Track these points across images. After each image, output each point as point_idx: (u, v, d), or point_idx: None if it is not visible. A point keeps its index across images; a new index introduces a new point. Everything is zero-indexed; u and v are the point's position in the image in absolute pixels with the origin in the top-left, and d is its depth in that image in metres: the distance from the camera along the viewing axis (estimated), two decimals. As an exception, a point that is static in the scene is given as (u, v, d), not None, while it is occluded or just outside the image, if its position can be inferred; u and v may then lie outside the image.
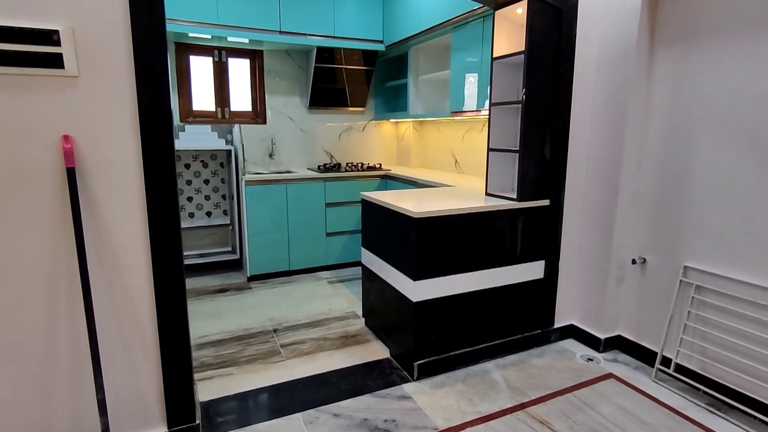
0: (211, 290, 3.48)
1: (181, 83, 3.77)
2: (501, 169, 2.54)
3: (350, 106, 4.31)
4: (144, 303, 1.60)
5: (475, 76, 3.00)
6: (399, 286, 2.26)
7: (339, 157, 4.44)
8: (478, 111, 3.01)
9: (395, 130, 4.65)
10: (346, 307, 3.15)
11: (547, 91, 2.26)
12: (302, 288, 3.54)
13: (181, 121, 3.79)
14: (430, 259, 2.13)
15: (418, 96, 3.89)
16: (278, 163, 4.19)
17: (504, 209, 2.27)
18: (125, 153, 1.50)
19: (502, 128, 2.49)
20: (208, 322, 2.90)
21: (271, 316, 3.00)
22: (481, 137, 3.50)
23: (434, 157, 4.18)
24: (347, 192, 3.89)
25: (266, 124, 4.09)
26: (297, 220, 3.72)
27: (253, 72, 4.03)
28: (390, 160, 4.67)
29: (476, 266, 2.26)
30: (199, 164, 3.91)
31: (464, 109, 3.14)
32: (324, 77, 4.03)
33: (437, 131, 4.10)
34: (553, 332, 2.57)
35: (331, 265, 3.95)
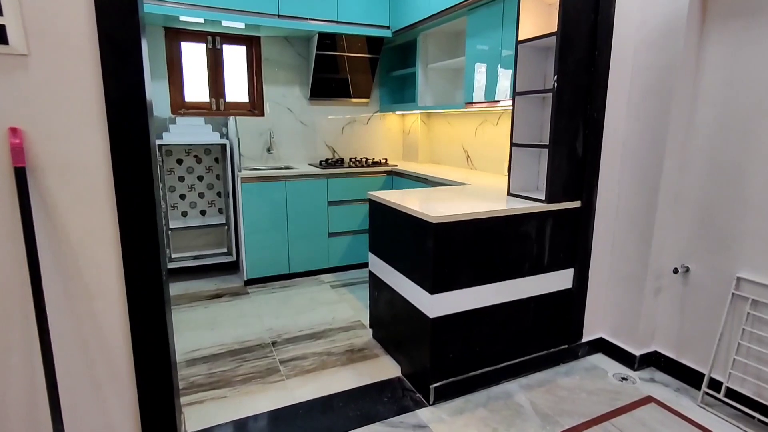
0: (205, 296, 3.23)
1: (171, 72, 3.49)
2: (525, 166, 2.27)
3: (354, 97, 4.04)
4: (115, 328, 1.35)
5: (492, 63, 2.73)
6: (413, 299, 2.01)
7: (342, 152, 4.17)
8: (494, 102, 2.74)
9: (402, 123, 4.38)
10: (351, 316, 2.90)
11: (581, 77, 1.99)
12: (303, 293, 3.29)
13: (172, 113, 3.52)
14: (449, 269, 1.87)
15: (427, 86, 3.61)
16: (277, 158, 3.93)
17: (531, 212, 2.02)
18: (89, 149, 1.24)
19: (527, 120, 2.22)
20: (201, 333, 2.65)
21: (270, 326, 2.75)
22: (496, 131, 3.23)
23: (444, 152, 3.91)
24: (351, 189, 3.63)
25: (264, 117, 3.82)
26: (297, 219, 3.47)
27: (250, 60, 3.75)
28: (396, 155, 4.41)
29: (499, 276, 2.00)
30: (192, 159, 3.65)
31: (479, 100, 2.87)
32: (326, 66, 3.75)
33: (447, 124, 3.83)
34: (581, 347, 2.32)
35: (333, 267, 3.70)
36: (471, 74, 2.93)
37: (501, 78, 2.66)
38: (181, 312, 2.94)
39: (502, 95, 2.65)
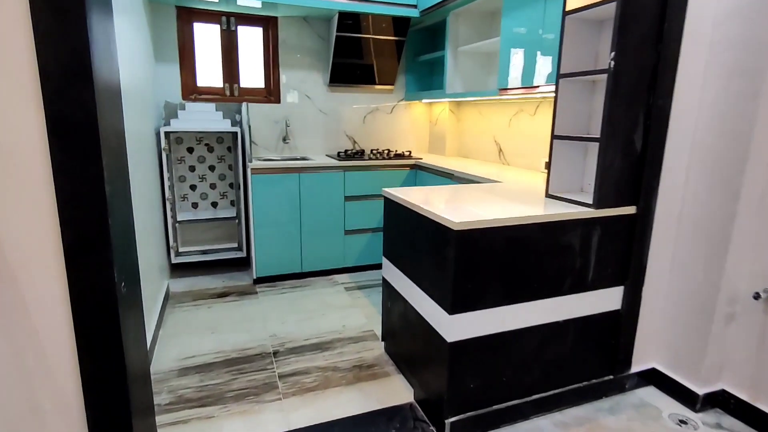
0: (211, 294, 3.02)
1: (183, 55, 3.28)
2: (568, 162, 1.92)
3: (377, 83, 3.73)
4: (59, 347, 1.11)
5: (531, 45, 2.36)
6: (429, 318, 1.71)
7: (363, 143, 3.88)
8: (532, 88, 2.38)
9: (428, 113, 4.04)
10: (363, 324, 2.62)
11: (645, 54, 1.61)
12: (314, 295, 3.04)
13: (183, 99, 3.31)
14: (473, 285, 1.56)
15: (456, 71, 3.27)
16: (293, 149, 3.68)
17: (575, 219, 1.67)
18: (20, 131, 0.99)
19: (573, 108, 1.87)
20: (199, 337, 2.44)
21: (274, 332, 2.51)
22: (533, 122, 2.86)
23: (473, 145, 3.56)
24: (370, 183, 3.34)
25: (280, 104, 3.57)
26: (311, 214, 3.21)
27: (266, 43, 3.50)
28: (421, 147, 4.08)
29: (533, 295, 1.67)
30: (204, 148, 3.45)
31: (515, 86, 2.51)
32: (347, 49, 3.45)
33: (478, 114, 3.47)
34: (628, 378, 1.96)
35: (349, 267, 3.43)
36: (506, 57, 2.57)
37: (541, 61, 2.29)
38: (183, 311, 2.74)
39: (543, 80, 2.29)
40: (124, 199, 1.27)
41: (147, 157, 2.66)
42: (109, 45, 1.18)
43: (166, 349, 2.31)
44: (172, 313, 2.73)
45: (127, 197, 1.30)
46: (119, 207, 1.18)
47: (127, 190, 1.32)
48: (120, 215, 1.18)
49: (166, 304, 2.82)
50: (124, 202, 1.25)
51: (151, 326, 2.33)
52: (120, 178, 1.21)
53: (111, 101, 1.18)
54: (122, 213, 1.21)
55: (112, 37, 1.22)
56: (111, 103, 1.18)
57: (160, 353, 2.27)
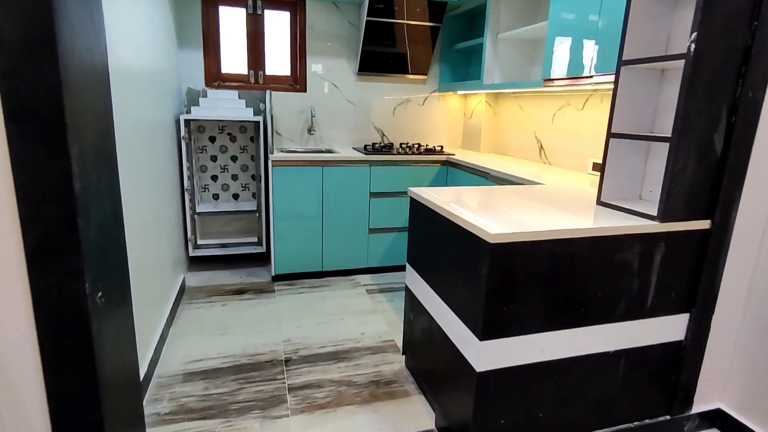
0: (227, 290, 2.90)
1: (207, 40, 3.15)
2: (626, 165, 1.64)
3: (410, 73, 3.50)
4: (27, 378, 0.96)
5: (583, 29, 2.07)
6: (456, 340, 1.49)
7: (392, 136, 3.66)
8: (584, 78, 2.09)
9: (463, 105, 3.77)
10: (384, 332, 2.43)
11: (735, 35, 1.32)
12: (334, 297, 2.86)
13: (206, 85, 3.19)
14: (508, 307, 1.33)
15: (496, 60, 2.99)
16: (318, 140, 3.50)
17: (634, 233, 1.40)
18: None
19: (636, 101, 1.59)
20: (209, 338, 2.31)
21: (288, 337, 2.35)
22: (581, 117, 2.56)
23: (511, 141, 3.28)
24: (398, 179, 3.12)
25: (306, 93, 3.40)
26: (334, 211, 3.03)
27: (294, 28, 3.32)
28: (454, 142, 3.82)
29: (580, 320, 1.42)
30: (226, 137, 3.32)
31: (562, 76, 2.23)
32: (378, 35, 3.23)
33: (518, 108, 3.18)
34: (689, 419, 1.68)
35: (372, 268, 3.24)
36: (553, 44, 2.29)
37: (594, 49, 2.00)
38: (196, 308, 2.62)
39: (595, 69, 2.00)
40: (109, 195, 1.10)
41: (165, 145, 2.54)
42: (92, 19, 1.01)
43: (174, 349, 2.19)
44: (185, 309, 2.61)
45: (112, 194, 1.14)
46: (96, 205, 1.01)
47: (114, 186, 1.15)
48: (98, 214, 1.02)
49: (180, 299, 2.71)
50: (106, 200, 1.08)
51: (161, 324, 2.21)
52: (99, 172, 1.04)
53: (91, 84, 1.01)
54: (101, 212, 1.04)
55: (97, 11, 1.05)
56: (91, 85, 1.01)
57: (167, 354, 2.15)
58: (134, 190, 1.81)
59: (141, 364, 1.83)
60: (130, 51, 1.86)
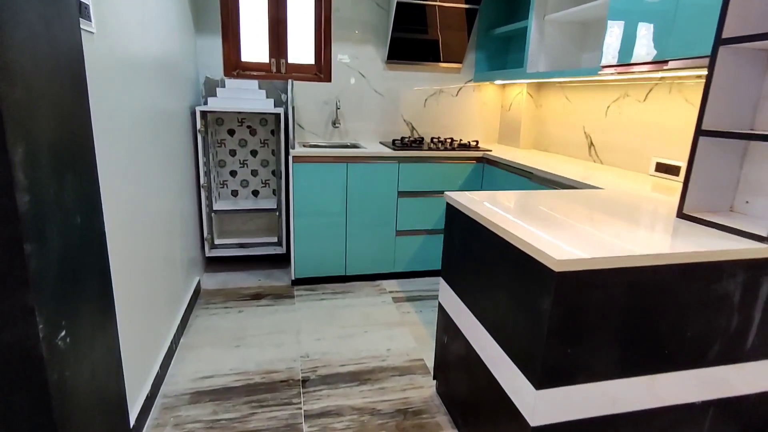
0: (244, 294, 2.71)
1: (227, 26, 2.94)
2: (717, 169, 1.33)
3: (443, 61, 3.21)
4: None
5: (655, 5, 1.74)
6: (505, 384, 1.23)
7: (422, 129, 3.39)
8: (656, 63, 1.77)
9: (501, 96, 3.46)
10: (412, 350, 2.18)
11: None
12: (357, 305, 2.64)
13: (225, 75, 2.99)
14: (575, 350, 1.06)
15: (541, 45, 2.67)
16: (343, 134, 3.27)
17: (739, 259, 1.10)
18: None
19: (734, 92, 1.27)
20: (222, 350, 2.12)
21: (307, 351, 2.14)
22: (643, 109, 2.23)
23: (556, 137, 2.96)
24: (429, 177, 2.86)
25: (331, 82, 3.16)
26: (359, 211, 2.80)
27: (318, 13, 3.08)
28: (490, 137, 3.52)
29: (662, 365, 1.14)
30: (246, 131, 3.12)
31: (624, 62, 1.91)
32: (409, 19, 2.96)
33: (564, 99, 2.86)
34: (786, 482, 1.37)
35: (399, 273, 3.00)
36: (614, 24, 1.96)
37: (670, 28, 1.67)
38: (210, 315, 2.45)
39: (671, 53, 1.67)
40: (79, 207, 0.89)
41: (179, 138, 2.35)
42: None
43: (184, 363, 2.01)
44: (199, 316, 2.44)
45: (86, 204, 0.93)
46: (58, 223, 0.80)
47: (88, 194, 0.94)
48: (60, 234, 0.80)
49: (194, 304, 2.54)
50: (74, 214, 0.87)
51: (170, 333, 2.04)
52: (61, 180, 0.82)
53: (49, 66, 0.79)
54: (66, 230, 0.83)
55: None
56: (49, 69, 0.79)
57: (175, 368, 1.97)
58: (138, 188, 1.62)
59: (143, 383, 1.65)
60: (134, 36, 1.65)
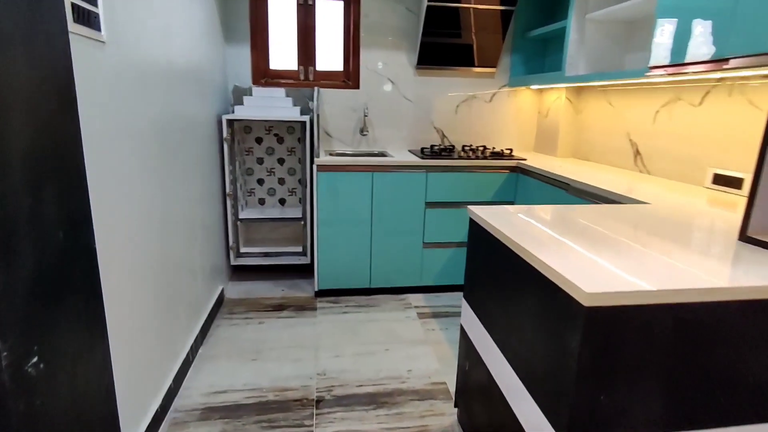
0: (267, 305, 2.67)
1: (256, 34, 2.94)
2: (789, 184, 1.13)
3: (476, 65, 3.08)
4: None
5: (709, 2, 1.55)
6: (528, 428, 1.09)
7: (453, 137, 3.26)
8: (715, 63, 1.56)
9: (538, 102, 3.27)
10: (434, 372, 2.05)
11: None
12: (381, 320, 2.53)
13: (253, 83, 2.99)
14: (609, 397, 0.91)
15: (581, 47, 2.49)
16: (371, 142, 3.19)
17: (816, 293, 0.91)
18: None
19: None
20: (239, 363, 2.07)
21: (324, 368, 2.05)
22: (699, 114, 2.00)
23: (597, 144, 2.74)
24: (459, 187, 2.72)
25: (359, 90, 3.09)
26: (384, 221, 2.70)
27: (347, 20, 3.03)
28: (526, 145, 3.34)
29: (713, 418, 0.96)
30: (273, 139, 3.10)
31: (677, 62, 1.71)
32: (440, 23, 2.85)
33: (607, 104, 2.65)
34: None
35: (426, 287, 2.87)
36: (664, 22, 1.77)
37: (730, 24, 1.47)
38: (231, 325, 2.41)
39: (733, 51, 1.47)
40: (61, 220, 0.84)
41: (204, 146, 2.35)
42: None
43: (199, 376, 1.97)
44: (220, 325, 2.41)
45: (69, 217, 0.88)
46: (33, 240, 0.74)
47: (75, 204, 0.89)
48: (36, 251, 0.75)
49: (216, 312, 2.52)
50: (54, 229, 0.82)
51: (187, 343, 2.01)
52: (37, 192, 0.77)
53: (18, 63, 0.74)
54: (43, 246, 0.78)
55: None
56: (18, 66, 0.74)
57: (190, 381, 1.93)
58: (153, 195, 1.59)
59: (153, 397, 1.61)
60: (155, 45, 1.64)
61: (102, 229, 1.13)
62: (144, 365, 1.51)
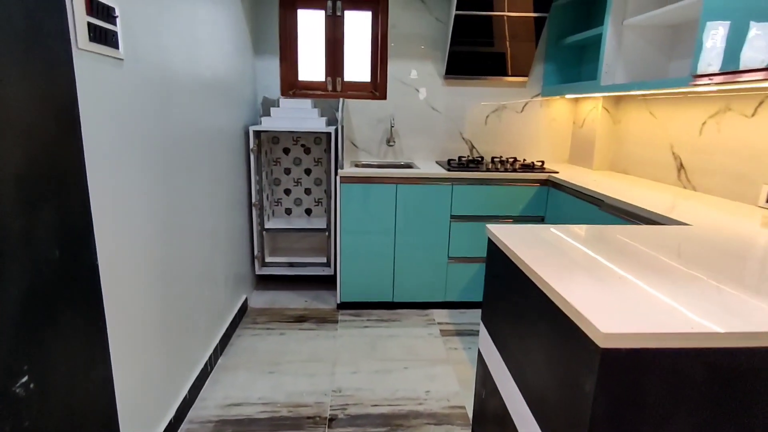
0: (288, 316, 2.66)
1: (285, 46, 2.98)
2: None
3: (506, 74, 2.98)
4: None
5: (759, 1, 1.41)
6: (537, 469, 1.00)
7: (483, 148, 3.16)
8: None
9: (573, 111, 3.13)
10: (454, 394, 1.96)
11: None
12: (402, 335, 2.46)
13: (282, 94, 3.02)
14: (628, 450, 0.81)
15: (619, 54, 2.35)
16: (398, 152, 3.14)
17: None
18: None
19: None
20: (256, 375, 2.07)
21: (340, 385, 2.01)
22: (753, 126, 1.83)
23: (636, 157, 2.58)
24: (486, 201, 2.63)
25: (386, 100, 3.06)
26: (408, 234, 2.64)
27: (375, 29, 3.01)
28: (559, 157, 3.19)
29: (763, 477, 0.84)
30: (300, 149, 3.12)
31: (735, 68, 1.56)
32: (469, 31, 2.78)
33: (647, 114, 2.49)
34: None
35: (450, 303, 2.78)
36: (712, 25, 1.63)
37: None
38: (252, 335, 2.42)
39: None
40: (57, 238, 0.84)
41: (230, 157, 2.38)
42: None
43: (216, 387, 1.97)
44: (241, 335, 2.42)
45: (65, 233, 0.88)
46: (25, 260, 0.75)
47: (73, 220, 0.90)
48: (28, 270, 0.75)
49: (239, 321, 2.54)
50: (48, 247, 0.82)
51: (206, 354, 2.02)
52: (32, 211, 0.77)
53: (11, 97, 0.75)
54: (36, 265, 0.78)
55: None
56: (10, 101, 0.74)
57: (207, 392, 1.94)
58: (172, 205, 1.61)
59: (166, 408, 1.62)
60: (178, 60, 1.67)
61: (110, 243, 1.14)
62: (155, 378, 1.52)
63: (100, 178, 1.12)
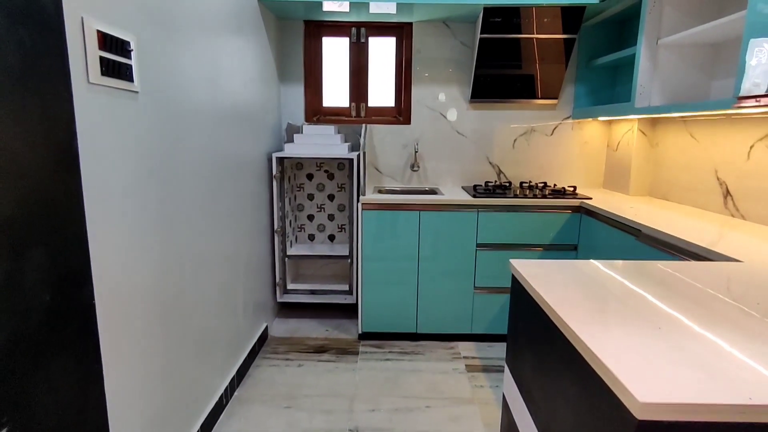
0: (309, 346, 2.60)
1: (310, 73, 3.00)
2: None
3: (535, 97, 2.89)
4: None
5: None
6: None
7: (510, 173, 3.05)
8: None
9: (606, 134, 2.99)
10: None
11: None
12: (425, 370, 2.34)
13: (306, 120, 3.03)
14: None
15: (655, 74, 2.22)
16: (422, 178, 3.08)
17: None
18: None
19: None
20: (271, 410, 1.99)
21: (356, 425, 1.91)
22: (804, 150, 1.66)
23: (677, 182, 2.41)
24: (513, 228, 2.51)
25: (410, 125, 3.02)
26: (432, 263, 2.55)
27: (399, 55, 3.00)
28: (593, 181, 3.04)
29: None
30: (324, 175, 3.10)
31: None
32: (495, 54, 2.72)
33: (688, 137, 2.33)
34: None
35: (476, 335, 2.64)
36: (756, 42, 1.50)
37: None
38: (270, 366, 2.36)
39: None
40: (49, 282, 0.81)
41: (253, 183, 2.39)
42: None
43: (230, 422, 1.91)
44: (259, 365, 2.37)
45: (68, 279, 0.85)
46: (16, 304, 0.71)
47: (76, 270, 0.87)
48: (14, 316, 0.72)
49: (258, 350, 2.49)
50: (39, 291, 0.79)
51: (222, 385, 1.97)
52: (22, 254, 0.75)
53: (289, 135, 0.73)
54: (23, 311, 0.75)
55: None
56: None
57: (221, 427, 1.88)
58: (188, 234, 1.60)
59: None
60: (199, 90, 1.69)
61: (110, 281, 1.11)
62: (161, 417, 1.47)
63: (103, 214, 1.10)
